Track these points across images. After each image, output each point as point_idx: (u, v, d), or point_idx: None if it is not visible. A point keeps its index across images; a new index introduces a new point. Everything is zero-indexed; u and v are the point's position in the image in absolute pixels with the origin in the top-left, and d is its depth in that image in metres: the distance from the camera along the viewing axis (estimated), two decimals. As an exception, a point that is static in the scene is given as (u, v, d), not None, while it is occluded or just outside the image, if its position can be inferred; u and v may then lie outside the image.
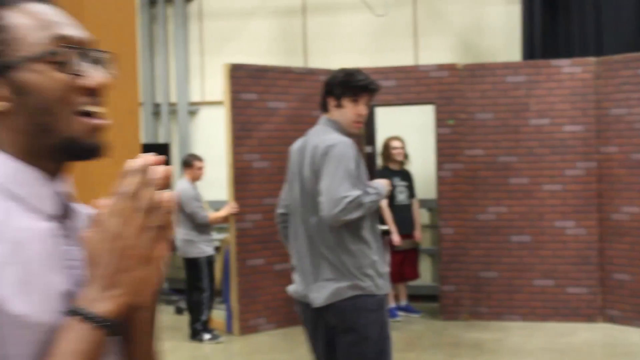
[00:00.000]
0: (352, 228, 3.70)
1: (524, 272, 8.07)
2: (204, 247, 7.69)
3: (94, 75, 1.30)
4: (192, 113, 10.45)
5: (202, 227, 7.66)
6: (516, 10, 9.31)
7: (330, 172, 3.71)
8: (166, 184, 1.22)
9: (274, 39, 9.98)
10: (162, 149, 9.54)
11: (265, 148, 7.95)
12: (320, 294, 3.73)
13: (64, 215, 1.35)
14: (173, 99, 10.50)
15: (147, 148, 9.32)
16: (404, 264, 8.45)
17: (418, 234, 8.51)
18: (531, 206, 8.07)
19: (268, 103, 7.98)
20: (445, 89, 8.30)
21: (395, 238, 8.18)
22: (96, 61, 1.34)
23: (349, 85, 3.85)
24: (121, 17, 2.56)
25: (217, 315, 8.22)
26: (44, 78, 1.27)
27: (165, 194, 1.22)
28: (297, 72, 8.22)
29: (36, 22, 1.30)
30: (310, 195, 3.80)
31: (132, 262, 1.19)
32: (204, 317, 7.70)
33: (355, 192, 3.64)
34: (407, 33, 9.64)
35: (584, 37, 8.95)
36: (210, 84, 10.23)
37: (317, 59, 9.75)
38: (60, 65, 1.28)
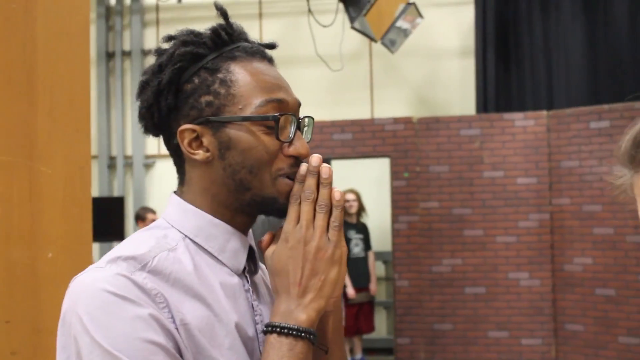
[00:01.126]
0: None
1: (478, 324, 8.07)
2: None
3: (301, 145, 1.30)
4: (148, 166, 10.40)
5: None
6: (470, 64, 9.44)
7: None
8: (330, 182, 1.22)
9: (230, 92, 9.98)
10: (116, 203, 9.46)
11: (220, 200, 7.91)
12: None
13: (250, 269, 1.35)
14: (129, 152, 10.46)
15: (101, 201, 9.25)
16: (358, 317, 8.41)
17: (373, 286, 8.49)
18: (485, 258, 8.10)
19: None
20: (400, 142, 8.36)
21: (350, 291, 8.16)
22: (302, 127, 1.34)
23: None
24: (74, 70, 2.54)
25: None
26: (255, 140, 1.26)
27: (337, 192, 1.22)
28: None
29: (257, 81, 1.28)
30: None
31: (321, 265, 1.18)
32: None
33: None
34: (363, 86, 9.73)
35: (536, 91, 9.09)
36: (167, 137, 10.20)
37: (273, 112, 9.77)
38: (273, 130, 1.26)
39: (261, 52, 1.34)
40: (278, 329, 1.16)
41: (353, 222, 8.52)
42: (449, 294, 8.15)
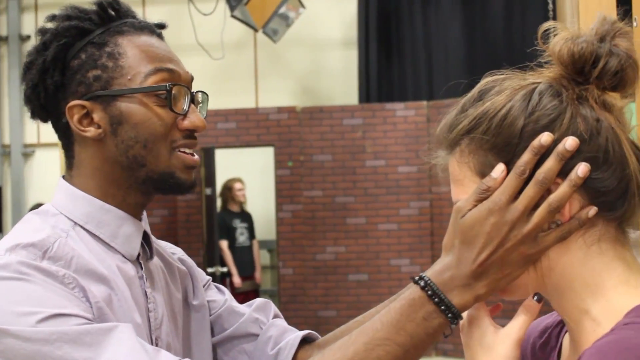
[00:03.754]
0: None
1: (361, 310, 8.08)
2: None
3: (197, 118, 1.25)
4: (27, 155, 10.11)
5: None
6: (353, 55, 9.57)
7: None
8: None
9: (112, 80, 9.83)
10: (-7, 192, 9.19)
11: (102, 190, 7.79)
12: None
13: (144, 255, 1.29)
14: (6, 140, 10.14)
15: (-23, 191, 8.97)
16: (244, 305, 8.42)
17: (258, 275, 8.53)
18: (368, 245, 8.25)
19: (105, 144, 7.84)
20: (284, 131, 8.41)
21: (236, 280, 8.17)
22: (195, 102, 1.30)
23: None
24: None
25: None
26: (147, 112, 1.21)
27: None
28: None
29: (146, 52, 1.24)
30: None
31: (514, 259, 0.99)
32: None
33: None
34: (248, 76, 9.72)
35: (417, 82, 9.30)
36: (46, 126, 9.88)
37: (157, 100, 9.66)
38: (166, 101, 1.22)
39: (150, 27, 1.32)
40: (430, 291, 1.01)
41: (238, 211, 8.53)
42: (332, 281, 8.27)
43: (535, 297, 1.01)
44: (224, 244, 8.20)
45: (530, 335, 1.16)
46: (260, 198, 9.15)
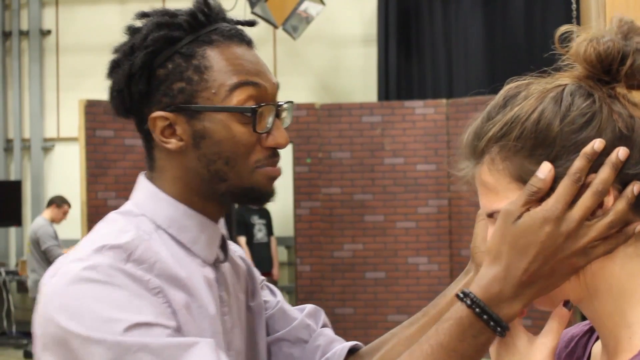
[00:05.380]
0: None
1: (378, 308, 8.21)
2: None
3: (280, 135, 1.24)
4: (47, 149, 10.17)
5: (55, 266, 7.44)
6: (373, 52, 9.56)
7: None
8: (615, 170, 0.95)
9: (132, 75, 9.86)
10: (13, 187, 9.25)
11: (122, 186, 7.81)
12: None
13: (221, 259, 1.30)
14: (26, 134, 10.20)
15: (-2, 185, 9.04)
16: (261, 301, 8.43)
17: (276, 271, 8.54)
18: (385, 243, 8.24)
19: (125, 140, 7.86)
20: (303, 128, 8.41)
21: (253, 276, 8.17)
22: (280, 114, 1.27)
23: None
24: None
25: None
26: (230, 131, 1.19)
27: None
28: (154, 109, 8.16)
29: (233, 66, 1.22)
30: None
31: (563, 269, 0.96)
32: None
33: None
34: (266, 72, 9.72)
35: (436, 80, 9.28)
36: (66, 120, 9.99)
37: (176, 96, 9.68)
38: (250, 119, 1.20)
39: (239, 34, 1.29)
40: (477, 309, 0.98)
41: (256, 207, 8.53)
42: (349, 278, 8.26)
43: (568, 305, 0.99)
44: (242, 240, 8.21)
45: (560, 343, 1.13)
46: (278, 195, 9.00)
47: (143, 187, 1.27)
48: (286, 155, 8.79)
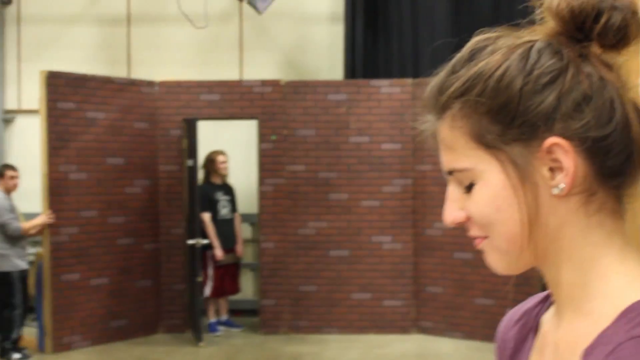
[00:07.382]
0: None
1: (342, 286, 8.23)
2: (16, 261, 7.37)
3: None
4: (7, 121, 10.01)
5: (15, 239, 7.34)
6: (339, 30, 9.51)
7: None
8: None
9: (96, 47, 9.73)
10: (-27, 159, 9.08)
11: (83, 159, 7.72)
12: None
13: None
14: (-14, 106, 10.03)
15: (-43, 157, 8.87)
16: (224, 278, 8.41)
17: (240, 248, 8.51)
18: (350, 221, 8.25)
19: (87, 113, 7.76)
20: (268, 105, 8.36)
21: (218, 252, 8.14)
22: None
23: None
24: None
25: (29, 332, 7.88)
26: None
27: None
28: (118, 83, 8.05)
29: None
30: None
31: None
32: (14, 335, 7.37)
33: None
34: (232, 48, 9.65)
35: (403, 59, 9.26)
36: (28, 92, 9.83)
37: (141, 69, 9.58)
38: None
39: None
40: None
41: (220, 184, 8.49)
42: (313, 256, 8.26)
43: None
44: (206, 216, 8.17)
45: (512, 319, 1.12)
46: (242, 171, 9.11)
47: None
48: (251, 132, 8.75)
